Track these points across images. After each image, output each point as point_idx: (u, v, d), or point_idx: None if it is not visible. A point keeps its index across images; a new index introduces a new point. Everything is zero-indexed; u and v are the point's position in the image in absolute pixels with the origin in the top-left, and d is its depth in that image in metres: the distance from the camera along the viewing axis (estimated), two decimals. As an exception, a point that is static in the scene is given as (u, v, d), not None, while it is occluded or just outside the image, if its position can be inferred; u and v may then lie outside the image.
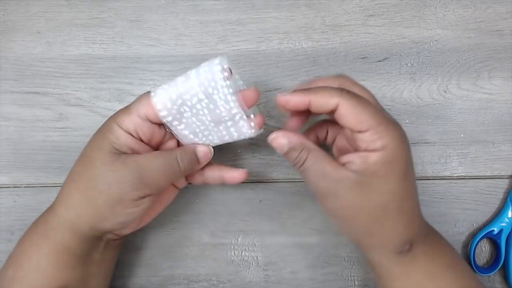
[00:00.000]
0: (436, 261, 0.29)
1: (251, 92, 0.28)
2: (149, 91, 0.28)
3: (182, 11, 0.39)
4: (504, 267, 0.37)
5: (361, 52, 0.39)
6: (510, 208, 0.37)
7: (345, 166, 0.27)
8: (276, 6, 0.39)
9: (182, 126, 0.29)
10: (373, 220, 0.27)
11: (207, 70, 0.26)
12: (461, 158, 0.38)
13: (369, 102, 0.27)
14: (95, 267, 0.31)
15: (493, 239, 0.37)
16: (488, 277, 0.37)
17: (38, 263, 0.29)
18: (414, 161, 0.37)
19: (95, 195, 0.28)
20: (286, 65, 0.38)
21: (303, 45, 0.39)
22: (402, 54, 0.39)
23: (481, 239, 0.37)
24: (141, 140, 0.29)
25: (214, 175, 0.33)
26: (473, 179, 0.38)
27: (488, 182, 0.38)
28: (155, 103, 0.27)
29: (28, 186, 0.38)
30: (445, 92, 0.38)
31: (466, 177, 0.38)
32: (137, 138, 0.29)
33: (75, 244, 0.29)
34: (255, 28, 0.39)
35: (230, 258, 0.37)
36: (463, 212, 0.38)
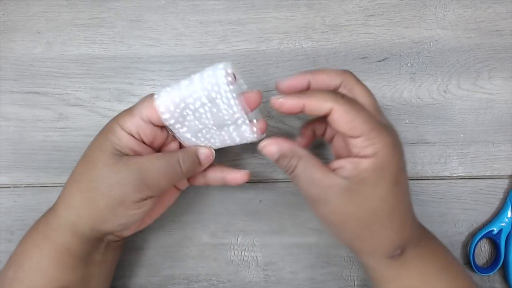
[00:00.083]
0: (429, 264, 0.29)
1: (254, 94, 0.28)
2: (152, 94, 0.28)
3: (182, 11, 0.39)
4: (503, 267, 0.37)
5: (361, 52, 0.39)
6: (510, 208, 0.37)
7: (335, 172, 0.27)
8: (276, 6, 0.39)
9: (184, 129, 0.29)
10: (363, 226, 0.28)
11: (211, 74, 0.26)
12: (461, 158, 0.38)
13: (363, 108, 0.27)
14: (96, 268, 0.31)
15: (492, 239, 0.37)
16: (488, 277, 0.37)
17: (39, 264, 0.29)
18: (414, 161, 0.38)
19: (97, 196, 0.28)
20: (286, 65, 0.38)
21: (303, 45, 0.39)
22: (402, 54, 0.39)
23: (480, 239, 0.37)
24: (143, 142, 0.29)
25: (216, 176, 0.32)
26: (473, 179, 0.38)
27: (488, 182, 0.38)
28: (158, 106, 0.27)
29: (28, 186, 0.38)
30: (445, 92, 0.38)
31: (466, 177, 0.38)
32: (139, 140, 0.29)
33: (76, 245, 0.29)
34: (255, 28, 0.39)
35: (230, 258, 0.37)
36: (462, 212, 0.38)
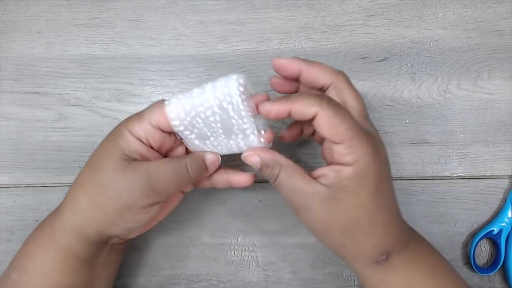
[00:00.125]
0: (416, 269, 0.29)
1: (262, 98, 0.28)
2: (163, 100, 0.28)
3: (182, 11, 0.39)
4: (504, 267, 0.37)
5: (361, 52, 0.39)
6: (510, 208, 0.37)
7: (317, 180, 0.27)
8: (276, 6, 0.39)
9: (193, 136, 0.29)
10: (345, 233, 0.28)
11: (224, 85, 0.26)
12: (461, 158, 0.38)
13: (348, 114, 0.27)
14: (99, 271, 0.31)
15: (493, 239, 0.37)
16: (488, 277, 0.37)
17: (43, 266, 0.29)
18: (414, 161, 0.38)
19: (105, 201, 0.28)
20: (286, 65, 0.38)
21: (303, 45, 0.39)
22: (402, 54, 0.39)
23: (481, 239, 0.37)
24: (151, 147, 0.29)
25: (221, 179, 0.32)
26: (473, 179, 0.38)
27: (488, 182, 0.38)
28: (168, 113, 0.27)
29: (28, 186, 0.38)
30: (445, 92, 0.38)
31: (466, 177, 0.38)
32: (148, 145, 0.29)
33: (81, 248, 0.29)
34: (255, 28, 0.39)
35: (230, 258, 0.37)
36: (463, 212, 0.38)
